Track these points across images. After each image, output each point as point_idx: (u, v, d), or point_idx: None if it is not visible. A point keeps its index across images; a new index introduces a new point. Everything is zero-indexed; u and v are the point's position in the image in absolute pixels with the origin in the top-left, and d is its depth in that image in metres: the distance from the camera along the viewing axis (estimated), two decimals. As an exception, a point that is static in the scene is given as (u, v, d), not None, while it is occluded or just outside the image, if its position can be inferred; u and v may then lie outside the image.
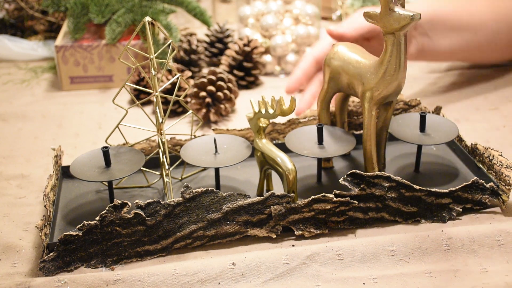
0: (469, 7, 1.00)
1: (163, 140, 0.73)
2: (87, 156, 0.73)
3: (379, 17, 0.65)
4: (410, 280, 0.61)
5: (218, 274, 0.61)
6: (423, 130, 0.76)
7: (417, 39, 0.95)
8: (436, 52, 0.98)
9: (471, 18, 0.99)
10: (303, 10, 1.18)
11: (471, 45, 1.00)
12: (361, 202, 0.68)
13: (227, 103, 0.98)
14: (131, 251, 0.65)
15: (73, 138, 0.94)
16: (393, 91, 0.69)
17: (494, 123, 0.94)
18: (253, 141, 0.81)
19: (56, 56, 1.10)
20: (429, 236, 0.65)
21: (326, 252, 0.63)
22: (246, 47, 1.11)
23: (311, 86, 0.95)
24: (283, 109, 0.68)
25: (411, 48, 0.94)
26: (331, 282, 0.61)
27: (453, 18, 0.98)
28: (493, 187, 0.69)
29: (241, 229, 0.66)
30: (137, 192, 0.76)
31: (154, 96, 0.71)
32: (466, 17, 0.99)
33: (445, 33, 0.97)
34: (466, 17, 0.99)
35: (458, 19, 0.98)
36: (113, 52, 1.11)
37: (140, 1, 1.13)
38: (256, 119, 0.71)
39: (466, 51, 1.01)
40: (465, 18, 0.99)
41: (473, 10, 1.00)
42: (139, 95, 1.06)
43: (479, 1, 1.02)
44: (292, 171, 0.67)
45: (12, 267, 0.64)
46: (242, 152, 0.74)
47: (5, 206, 0.76)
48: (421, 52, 0.96)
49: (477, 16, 1.00)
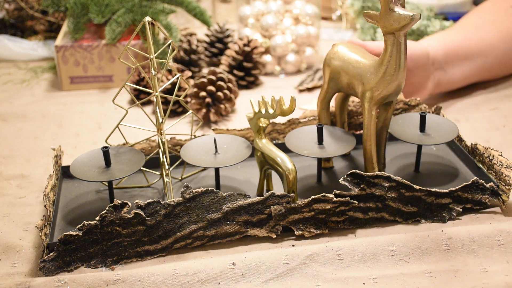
0: (478, 33, 1.02)
1: (163, 140, 0.73)
2: (87, 156, 0.73)
3: (379, 17, 0.65)
4: (410, 280, 0.61)
5: (218, 274, 0.61)
6: (423, 130, 0.76)
7: (434, 75, 0.96)
8: (451, 82, 1.00)
9: (481, 43, 1.01)
10: (303, 10, 1.18)
11: (482, 69, 1.02)
12: (361, 202, 0.68)
13: (227, 103, 0.98)
14: (131, 251, 0.65)
15: (73, 138, 0.94)
16: (393, 91, 0.69)
17: (494, 123, 0.94)
18: (253, 141, 0.81)
19: (56, 56, 1.10)
20: (429, 236, 0.65)
21: (326, 252, 0.63)
22: (246, 47, 1.11)
23: None
24: (283, 109, 0.68)
25: (429, 84, 0.96)
26: (331, 282, 0.61)
27: (465, 47, 1.00)
28: (493, 187, 0.69)
29: (241, 229, 0.66)
30: (137, 192, 0.76)
31: (154, 96, 0.72)
32: (476, 44, 1.01)
33: (458, 63, 0.99)
34: (476, 44, 1.01)
35: (469, 47, 1.00)
36: (113, 52, 1.11)
37: (140, 1, 1.13)
38: (256, 119, 0.71)
39: (477, 75, 1.03)
40: (475, 44, 1.01)
41: (482, 35, 1.02)
42: (139, 95, 1.06)
43: (486, 26, 1.04)
44: (292, 171, 0.67)
45: (12, 267, 0.64)
46: (242, 152, 0.74)
47: (5, 206, 0.76)
48: (437, 85, 0.98)
49: (486, 40, 1.02)
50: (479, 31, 1.03)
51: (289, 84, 1.12)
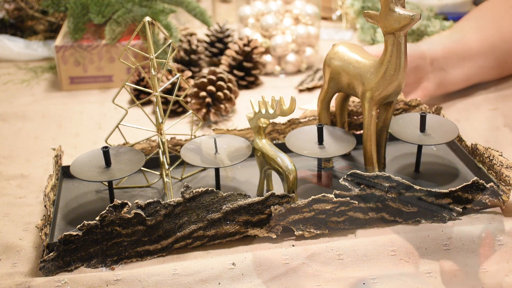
0: (478, 33, 1.02)
1: (163, 140, 0.73)
2: (87, 156, 0.73)
3: (379, 17, 0.65)
4: (410, 280, 0.61)
5: (218, 274, 0.61)
6: (423, 130, 0.76)
7: (434, 74, 0.96)
8: (453, 82, 1.00)
9: (482, 43, 1.01)
10: (303, 10, 1.18)
11: (484, 68, 1.03)
12: (361, 202, 0.68)
13: (227, 103, 0.98)
14: (131, 251, 0.65)
15: (73, 138, 0.94)
16: (393, 91, 0.69)
17: (494, 123, 0.94)
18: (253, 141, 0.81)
19: (56, 56, 1.10)
20: (429, 236, 0.65)
21: (326, 252, 0.63)
22: (246, 47, 1.11)
23: None
24: (283, 109, 0.68)
25: (429, 84, 0.96)
26: (331, 282, 0.61)
27: (465, 48, 1.00)
28: (493, 187, 0.69)
29: (241, 229, 0.66)
30: (137, 192, 0.76)
31: (154, 96, 0.71)
32: (476, 44, 1.01)
33: (459, 64, 0.99)
34: (476, 44, 1.01)
35: (469, 48, 1.00)
36: (113, 52, 1.10)
37: (140, 1, 1.13)
38: (256, 119, 0.71)
39: (480, 75, 1.03)
40: (475, 45, 1.01)
41: (482, 35, 1.02)
42: (139, 95, 1.06)
43: (486, 26, 1.04)
44: (292, 171, 0.67)
45: (12, 267, 0.64)
46: (242, 152, 0.74)
47: (5, 206, 0.76)
48: (439, 86, 0.98)
49: (486, 40, 1.02)
50: (479, 30, 1.03)
51: (289, 84, 1.12)
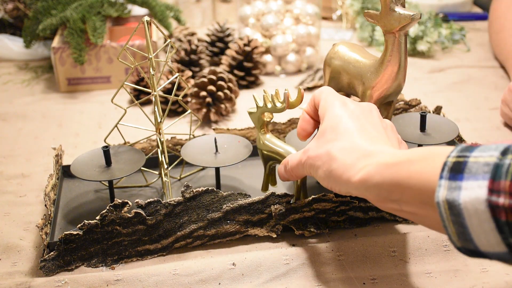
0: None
1: (161, 139, 0.73)
2: (87, 156, 0.73)
3: (380, 17, 0.65)
4: (410, 280, 0.61)
5: (218, 274, 0.61)
6: (423, 130, 0.76)
7: None
8: None
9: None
10: (303, 10, 1.18)
11: None
12: (362, 202, 0.68)
13: (227, 103, 0.98)
14: (131, 251, 0.65)
15: (73, 138, 0.94)
16: (393, 91, 0.69)
17: (494, 123, 0.94)
18: (254, 140, 0.81)
19: (53, 58, 1.08)
20: (429, 236, 0.65)
21: (326, 252, 0.63)
22: (246, 47, 1.11)
23: None
24: (291, 101, 0.67)
25: None
26: (331, 282, 0.61)
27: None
28: (493, 187, 0.69)
29: (242, 228, 0.66)
30: (136, 191, 0.76)
31: (153, 95, 0.71)
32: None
33: None
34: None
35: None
36: (111, 53, 1.10)
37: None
38: (259, 114, 0.70)
39: None
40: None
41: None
42: (139, 95, 1.06)
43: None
44: None
45: (13, 266, 0.64)
46: (243, 152, 0.74)
47: (6, 206, 0.76)
48: None
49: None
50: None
51: (290, 84, 1.12)
